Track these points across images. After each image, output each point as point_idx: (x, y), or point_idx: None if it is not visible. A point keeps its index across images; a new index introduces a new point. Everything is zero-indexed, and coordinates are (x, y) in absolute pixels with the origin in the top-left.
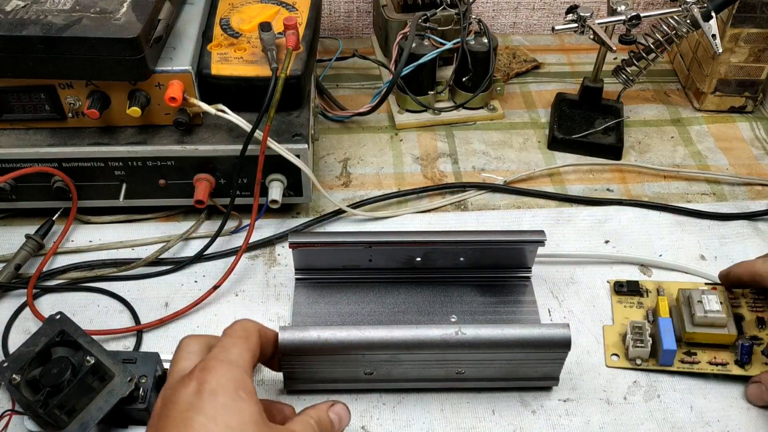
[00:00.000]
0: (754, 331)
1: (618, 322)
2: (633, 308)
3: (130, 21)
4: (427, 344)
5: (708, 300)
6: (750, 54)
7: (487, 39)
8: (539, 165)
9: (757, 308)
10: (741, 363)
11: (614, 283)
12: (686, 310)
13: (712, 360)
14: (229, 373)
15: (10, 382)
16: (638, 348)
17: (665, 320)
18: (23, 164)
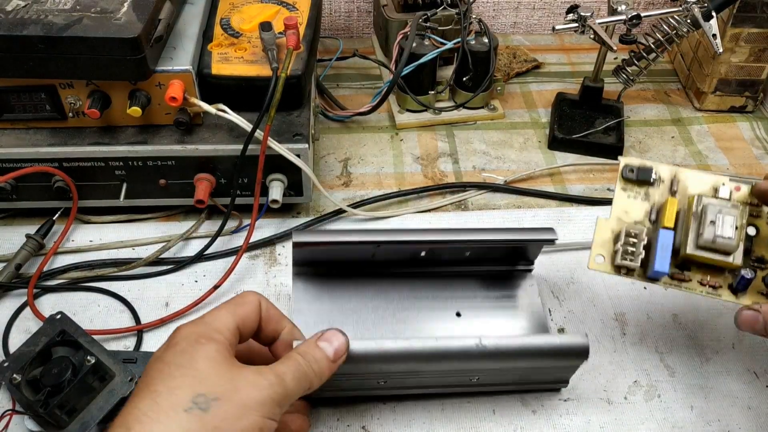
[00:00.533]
0: (764, 250)
1: (615, 216)
2: (637, 200)
3: (130, 21)
4: (448, 356)
5: (723, 222)
6: (750, 54)
7: (487, 39)
8: (540, 165)
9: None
10: (735, 290)
11: (624, 166)
12: (694, 224)
13: (703, 280)
14: (195, 327)
15: (11, 382)
16: (627, 260)
17: (666, 234)
18: (24, 164)
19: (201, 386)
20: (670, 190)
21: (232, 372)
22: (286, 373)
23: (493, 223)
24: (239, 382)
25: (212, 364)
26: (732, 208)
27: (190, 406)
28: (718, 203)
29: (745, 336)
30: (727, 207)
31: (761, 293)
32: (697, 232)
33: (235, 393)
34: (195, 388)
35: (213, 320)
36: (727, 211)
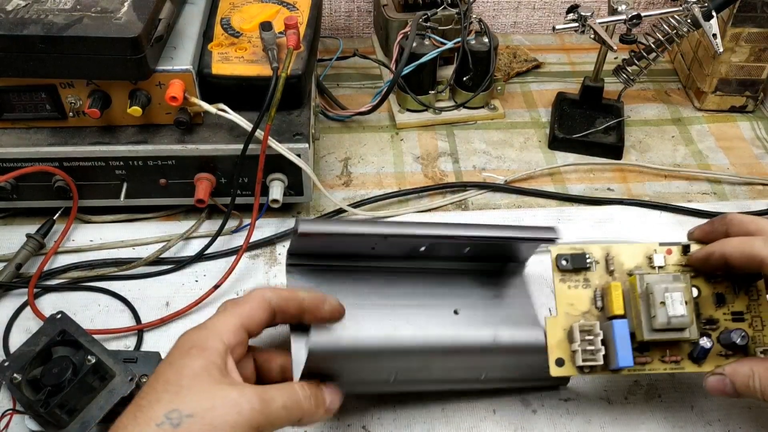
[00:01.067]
0: (711, 310)
1: (562, 312)
2: (579, 289)
3: (130, 20)
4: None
5: (672, 301)
6: (751, 53)
7: (487, 38)
8: (540, 164)
9: (713, 279)
10: (695, 359)
11: (557, 256)
12: (644, 306)
13: (663, 357)
14: (193, 335)
15: (11, 382)
16: (589, 360)
17: (620, 324)
18: (24, 163)
19: (178, 402)
20: (608, 271)
21: (213, 389)
22: (275, 399)
23: (494, 222)
24: (218, 400)
25: (195, 380)
26: (675, 281)
27: (162, 420)
28: (660, 279)
29: None
30: (671, 282)
31: (720, 355)
32: (649, 316)
33: (210, 411)
34: (172, 404)
35: (215, 324)
36: (674, 287)
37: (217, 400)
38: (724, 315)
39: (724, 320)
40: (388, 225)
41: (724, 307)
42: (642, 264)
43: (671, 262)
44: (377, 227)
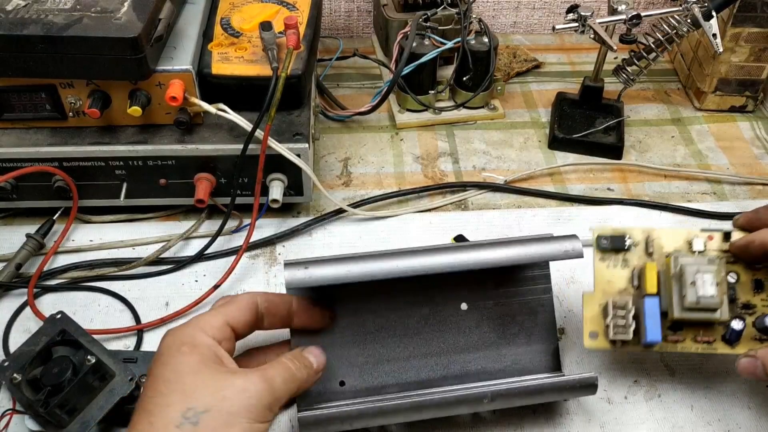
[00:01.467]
0: (749, 295)
1: (600, 289)
2: (617, 268)
3: (130, 20)
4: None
5: (703, 281)
6: (750, 53)
7: (487, 38)
8: (540, 164)
9: (755, 267)
10: (728, 341)
11: (597, 236)
12: (676, 286)
13: (696, 337)
14: (178, 333)
15: (11, 382)
16: (620, 333)
17: (651, 302)
18: (24, 164)
19: (190, 400)
20: (647, 252)
21: (218, 381)
22: (275, 377)
23: (493, 223)
24: (227, 390)
25: (198, 376)
26: (709, 264)
27: (181, 422)
28: (694, 261)
29: None
30: (704, 264)
31: (755, 339)
32: (680, 295)
33: (223, 402)
34: (184, 403)
35: (199, 321)
36: (705, 268)
37: (226, 390)
38: (762, 301)
39: (762, 306)
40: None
41: (763, 293)
42: (682, 248)
43: (712, 248)
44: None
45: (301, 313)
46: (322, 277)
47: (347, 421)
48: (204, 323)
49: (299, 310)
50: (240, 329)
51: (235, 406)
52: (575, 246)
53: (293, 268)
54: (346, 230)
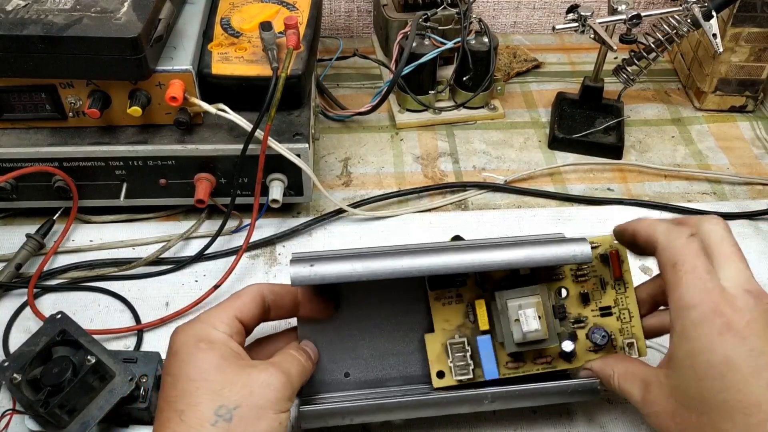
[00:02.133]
0: (578, 309)
1: (438, 328)
2: (452, 304)
3: (130, 20)
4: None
5: (526, 317)
6: (750, 53)
7: (487, 38)
8: (540, 164)
9: (579, 279)
10: (566, 359)
11: (428, 279)
12: (505, 323)
13: (536, 359)
14: (191, 330)
15: (11, 382)
16: (461, 374)
17: (484, 340)
18: (24, 164)
19: (220, 398)
20: (478, 284)
21: (242, 376)
22: (291, 369)
23: (494, 223)
24: (253, 385)
25: (222, 372)
26: (531, 295)
27: (215, 419)
28: (516, 296)
29: None
30: (526, 299)
31: (590, 350)
32: (509, 331)
33: (251, 397)
34: (214, 401)
35: (208, 316)
36: (526, 303)
37: (253, 385)
38: (593, 312)
39: (593, 317)
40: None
41: (592, 304)
42: (510, 273)
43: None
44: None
45: (306, 304)
46: (327, 275)
47: (347, 416)
48: (214, 319)
49: (304, 301)
50: (248, 322)
51: (262, 400)
52: (584, 250)
53: (299, 265)
54: (346, 230)
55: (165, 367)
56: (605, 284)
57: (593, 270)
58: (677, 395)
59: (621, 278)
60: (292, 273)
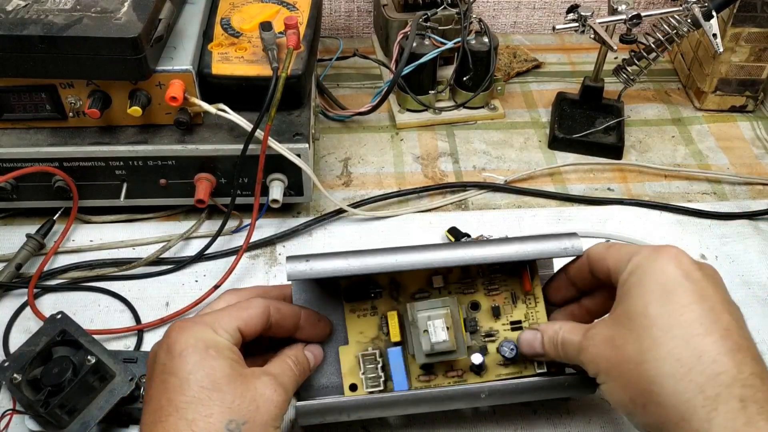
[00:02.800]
0: (490, 322)
1: (353, 341)
2: (367, 316)
3: (130, 20)
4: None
5: (434, 328)
6: (751, 53)
7: (487, 38)
8: (540, 164)
9: (492, 292)
10: (476, 372)
11: (343, 287)
12: (414, 333)
13: (447, 372)
14: (198, 332)
15: (11, 382)
16: (372, 386)
17: (394, 351)
18: (24, 164)
19: (230, 412)
20: (392, 296)
21: (248, 389)
22: (289, 386)
23: (494, 223)
24: (260, 401)
25: (233, 384)
26: (442, 307)
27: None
28: (426, 307)
29: None
30: (435, 310)
31: (500, 364)
32: (419, 342)
33: (257, 413)
34: (225, 414)
35: (214, 321)
36: (435, 314)
37: (259, 401)
38: (503, 326)
39: (503, 330)
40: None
41: (503, 318)
42: (423, 286)
43: (453, 280)
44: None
45: (307, 327)
46: (323, 269)
47: (345, 412)
48: (218, 326)
49: (306, 325)
50: (248, 335)
51: (267, 416)
52: (574, 244)
53: (295, 261)
54: (346, 230)
55: (165, 365)
56: (516, 298)
57: (504, 284)
58: (619, 321)
59: (531, 292)
60: (288, 268)
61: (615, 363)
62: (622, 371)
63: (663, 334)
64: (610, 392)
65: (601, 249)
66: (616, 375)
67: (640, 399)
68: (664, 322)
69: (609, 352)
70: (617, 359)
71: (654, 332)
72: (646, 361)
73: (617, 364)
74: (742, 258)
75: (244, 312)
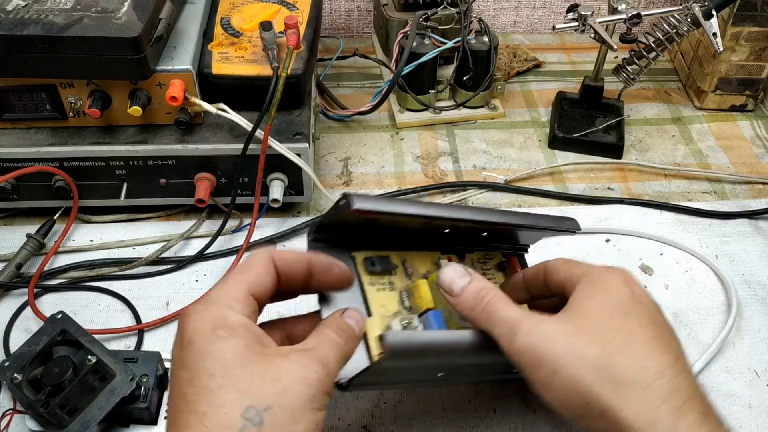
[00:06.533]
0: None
1: (377, 313)
2: (386, 291)
3: (131, 20)
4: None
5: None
6: (751, 52)
7: (487, 38)
8: (540, 164)
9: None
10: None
11: (363, 259)
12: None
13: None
14: (205, 314)
15: (12, 382)
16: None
17: (436, 315)
18: (24, 164)
19: (247, 397)
20: (407, 274)
21: (272, 370)
22: (330, 358)
23: None
24: (285, 381)
25: (248, 364)
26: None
27: (243, 424)
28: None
29: (746, 334)
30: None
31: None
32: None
33: (284, 395)
34: (242, 401)
35: (220, 295)
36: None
37: (284, 380)
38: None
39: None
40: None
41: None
42: (432, 269)
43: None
44: (425, 209)
45: (321, 274)
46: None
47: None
48: (227, 298)
49: (319, 270)
50: (262, 297)
51: (297, 398)
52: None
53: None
54: None
55: (178, 359)
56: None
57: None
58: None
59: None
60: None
61: (570, 361)
62: (577, 372)
63: (626, 345)
64: (556, 391)
65: (559, 262)
66: (568, 375)
67: (597, 403)
68: (626, 336)
69: (562, 349)
70: (574, 358)
71: (617, 342)
72: (611, 366)
73: (573, 362)
74: (742, 257)
75: (247, 272)
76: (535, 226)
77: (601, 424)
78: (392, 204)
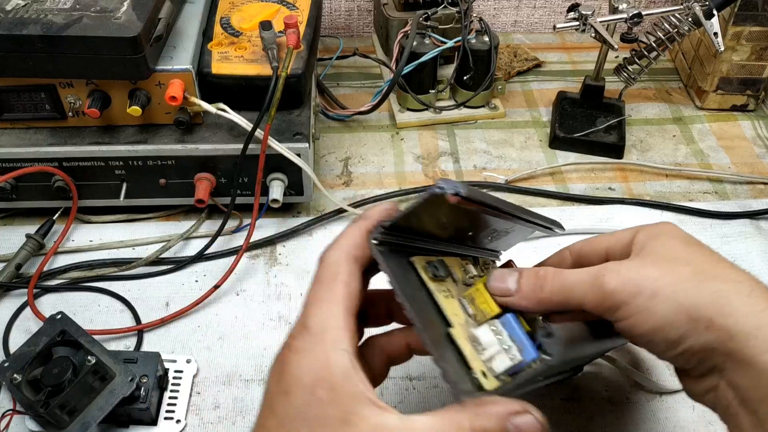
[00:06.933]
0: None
1: (456, 323)
2: (449, 298)
3: (130, 20)
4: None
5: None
6: (752, 52)
7: (488, 37)
8: (541, 164)
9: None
10: None
11: (426, 264)
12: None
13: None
14: (309, 356)
15: (11, 382)
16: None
17: (514, 317)
18: (24, 164)
19: None
20: (453, 279)
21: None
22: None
23: None
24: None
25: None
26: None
27: None
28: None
29: None
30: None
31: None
32: None
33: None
34: None
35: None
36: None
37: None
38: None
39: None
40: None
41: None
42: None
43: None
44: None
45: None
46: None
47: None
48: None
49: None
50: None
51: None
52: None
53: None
54: None
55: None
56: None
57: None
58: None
59: None
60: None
61: (669, 282)
62: (678, 288)
63: (713, 264)
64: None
65: (586, 240)
66: (669, 294)
67: (704, 315)
68: (707, 258)
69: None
70: (671, 278)
71: (703, 263)
72: (709, 280)
73: (672, 282)
74: (743, 257)
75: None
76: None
77: (708, 337)
78: (491, 198)
